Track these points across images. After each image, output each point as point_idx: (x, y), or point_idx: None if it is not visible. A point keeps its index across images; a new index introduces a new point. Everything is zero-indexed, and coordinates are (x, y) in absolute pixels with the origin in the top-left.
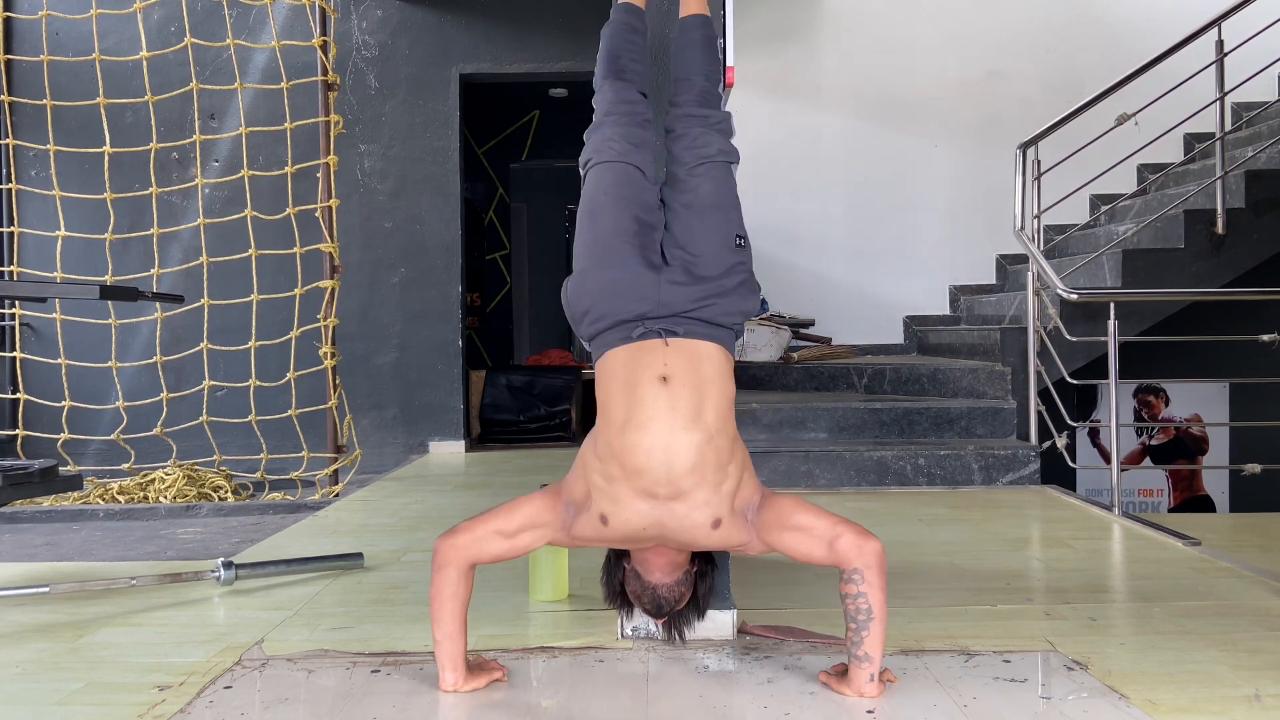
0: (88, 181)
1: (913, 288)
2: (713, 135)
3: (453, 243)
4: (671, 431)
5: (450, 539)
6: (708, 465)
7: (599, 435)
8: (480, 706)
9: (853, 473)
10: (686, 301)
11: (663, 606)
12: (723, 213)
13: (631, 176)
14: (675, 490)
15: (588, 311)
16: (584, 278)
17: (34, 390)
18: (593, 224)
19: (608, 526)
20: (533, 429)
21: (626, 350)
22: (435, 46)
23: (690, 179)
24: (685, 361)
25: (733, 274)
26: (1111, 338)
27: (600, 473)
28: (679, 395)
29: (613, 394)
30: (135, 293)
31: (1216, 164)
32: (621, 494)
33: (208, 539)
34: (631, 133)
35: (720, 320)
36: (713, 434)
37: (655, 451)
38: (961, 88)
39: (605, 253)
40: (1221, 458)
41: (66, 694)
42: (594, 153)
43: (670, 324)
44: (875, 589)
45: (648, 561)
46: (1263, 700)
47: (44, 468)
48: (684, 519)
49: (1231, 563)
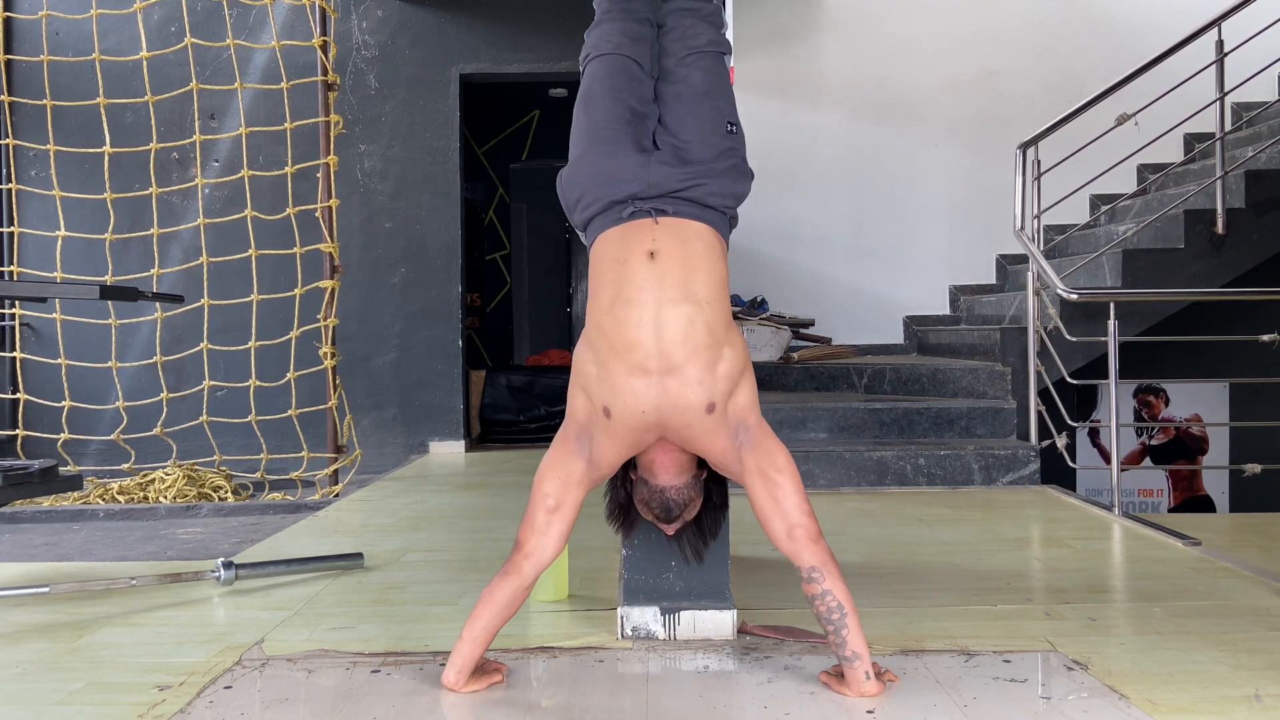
0: (88, 181)
1: (913, 288)
2: (702, 26)
3: (453, 243)
4: (660, 303)
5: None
6: (699, 339)
7: (589, 320)
8: (480, 706)
9: (853, 473)
10: (675, 181)
11: (672, 509)
12: (713, 100)
13: (628, 68)
14: (667, 363)
15: (580, 197)
16: (577, 165)
17: (34, 390)
18: (588, 112)
19: (611, 419)
20: (533, 429)
21: (617, 231)
22: (435, 46)
23: (680, 69)
24: (673, 238)
25: (723, 158)
26: (1111, 338)
27: (593, 361)
28: (667, 269)
29: (602, 274)
30: (135, 293)
31: (1216, 164)
32: (616, 375)
33: (208, 539)
34: (629, 27)
35: (710, 201)
36: (703, 305)
37: (645, 324)
38: (961, 88)
39: (598, 139)
40: (1221, 458)
41: (66, 694)
42: (592, 48)
43: (660, 203)
44: (837, 581)
45: (655, 463)
46: (1263, 700)
47: (44, 468)
48: (678, 398)
49: (1231, 563)
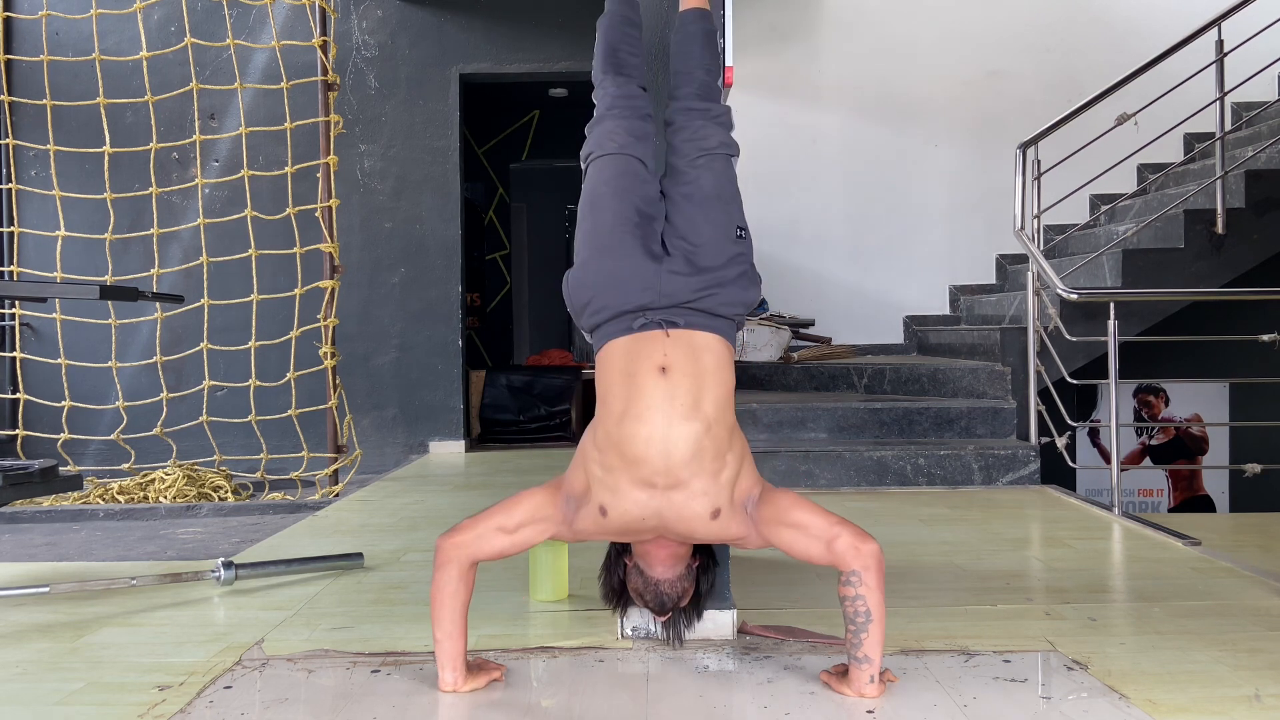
0: (88, 181)
1: (913, 288)
2: (713, 128)
3: (453, 243)
4: (669, 421)
5: (451, 537)
6: (705, 455)
7: (598, 426)
8: (480, 706)
9: (853, 473)
10: (687, 292)
11: (665, 603)
12: (723, 204)
13: (633, 168)
14: (673, 480)
15: (589, 303)
16: (585, 269)
17: (34, 390)
18: (594, 215)
19: (607, 518)
20: (533, 429)
21: (627, 341)
22: (435, 46)
23: (691, 170)
24: (685, 352)
25: (733, 264)
26: (1111, 338)
27: (599, 463)
28: (678, 385)
29: (612, 384)
30: (135, 293)
31: (1216, 164)
32: (620, 484)
33: (208, 539)
34: (633, 125)
35: (721, 311)
36: (711, 423)
37: (654, 441)
38: (961, 88)
39: (606, 243)
40: (1221, 458)
41: (66, 694)
42: (595, 146)
43: (671, 315)
44: (873, 590)
45: (650, 555)
46: (1263, 700)
47: (44, 468)
48: (682, 509)
49: (1231, 563)
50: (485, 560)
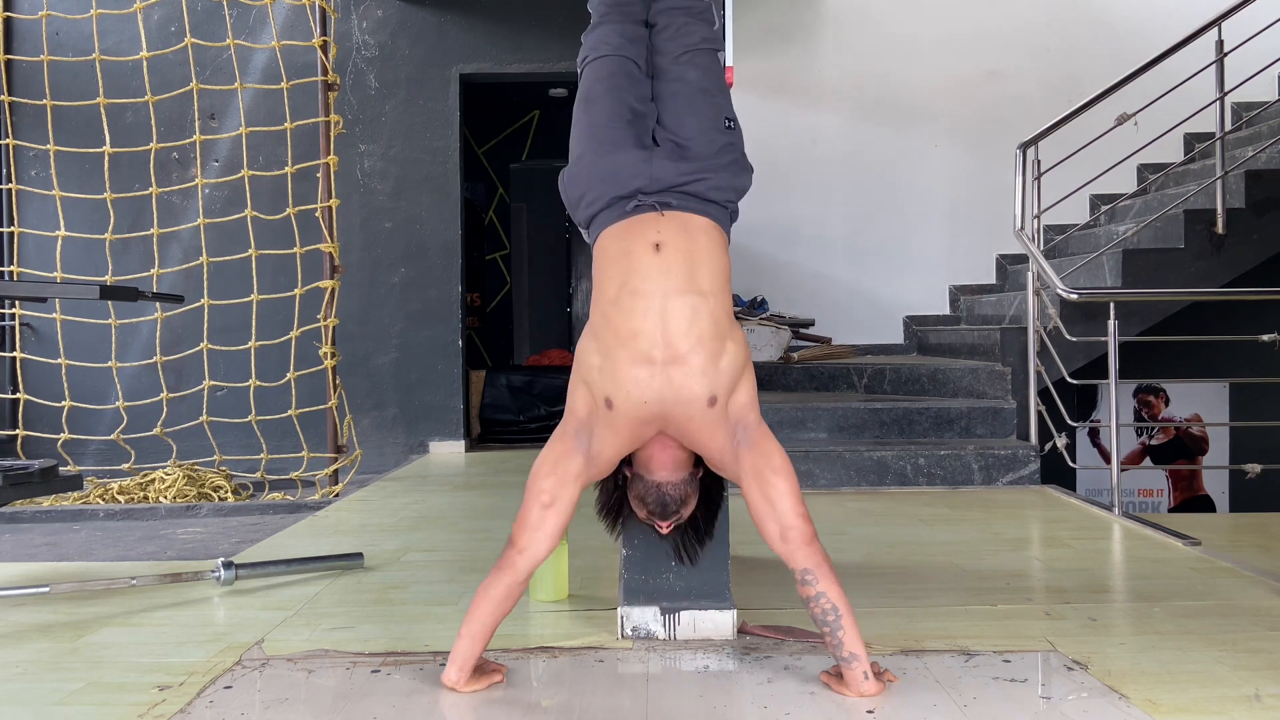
0: (88, 181)
1: (913, 288)
2: (695, 23)
3: (453, 243)
4: (665, 293)
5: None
6: (704, 329)
7: (594, 311)
8: (480, 706)
9: (853, 473)
10: (677, 175)
11: (668, 504)
12: (709, 96)
13: (627, 68)
14: (672, 352)
15: (584, 195)
16: (579, 163)
17: (34, 390)
18: (588, 112)
19: (614, 410)
20: (533, 429)
21: (621, 225)
22: (435, 46)
23: (675, 67)
24: (678, 230)
25: (723, 153)
26: (1111, 338)
27: (597, 352)
28: (672, 260)
29: (607, 266)
30: (135, 293)
31: (1216, 164)
32: (620, 365)
33: (208, 539)
34: (627, 29)
35: (712, 195)
36: (707, 295)
37: (651, 313)
38: (961, 88)
39: (601, 138)
40: (1221, 458)
41: (66, 694)
42: (590, 49)
43: (663, 198)
44: (831, 584)
45: (652, 459)
46: (1263, 700)
47: (44, 468)
48: (681, 388)
49: (1231, 563)
50: (550, 549)
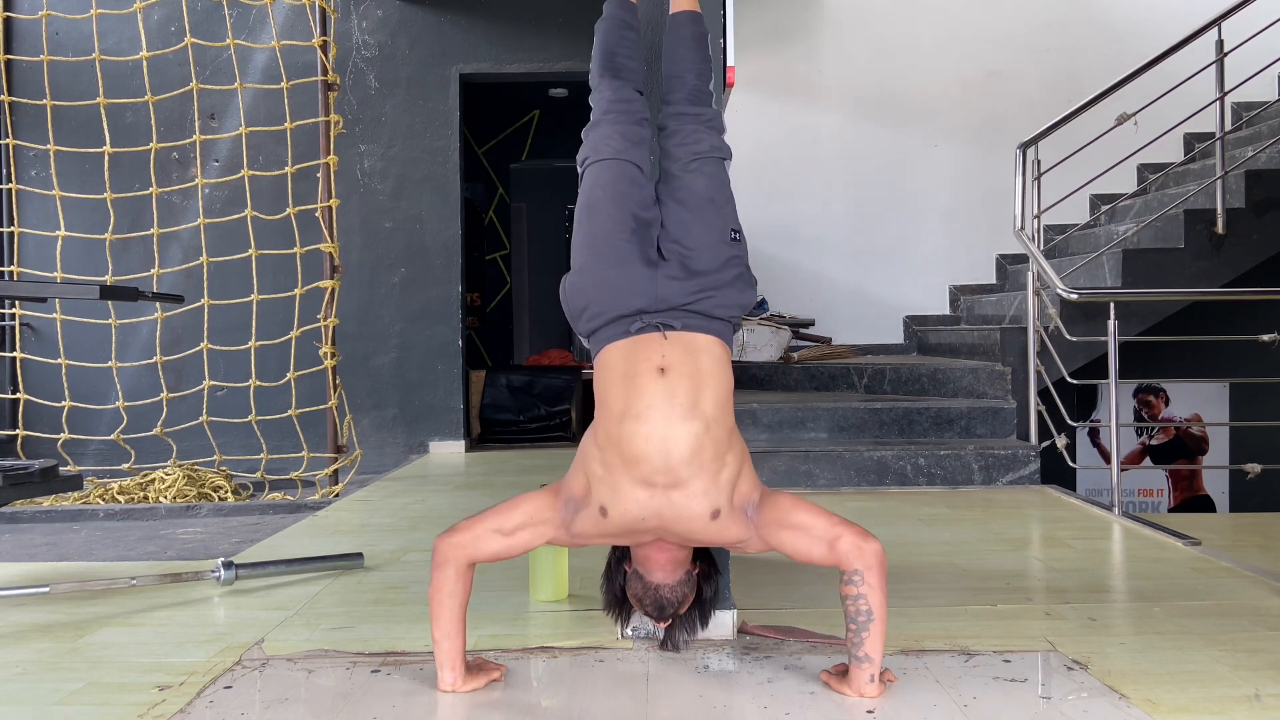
0: (88, 181)
1: (913, 288)
2: (704, 132)
3: (453, 243)
4: (669, 421)
5: (448, 537)
6: (705, 454)
7: (598, 426)
8: (480, 706)
9: (853, 473)
10: (683, 295)
11: (665, 608)
12: (717, 207)
13: (629, 173)
14: (673, 479)
15: (585, 308)
16: (582, 275)
17: (34, 390)
18: (590, 221)
19: (607, 519)
20: (533, 429)
21: (625, 344)
22: (435, 46)
23: (684, 175)
24: (683, 353)
25: (729, 267)
26: (1111, 338)
27: (599, 462)
28: (676, 385)
29: (611, 386)
30: (135, 293)
31: (1216, 164)
32: (620, 483)
33: (208, 539)
34: (629, 130)
35: (717, 313)
36: (710, 423)
37: (653, 440)
38: (961, 88)
39: (603, 249)
40: (1221, 458)
41: (66, 694)
42: (591, 151)
43: (668, 318)
44: (875, 590)
45: (649, 560)
46: (1263, 700)
47: (44, 468)
48: (682, 509)
49: (1231, 563)
50: (482, 561)
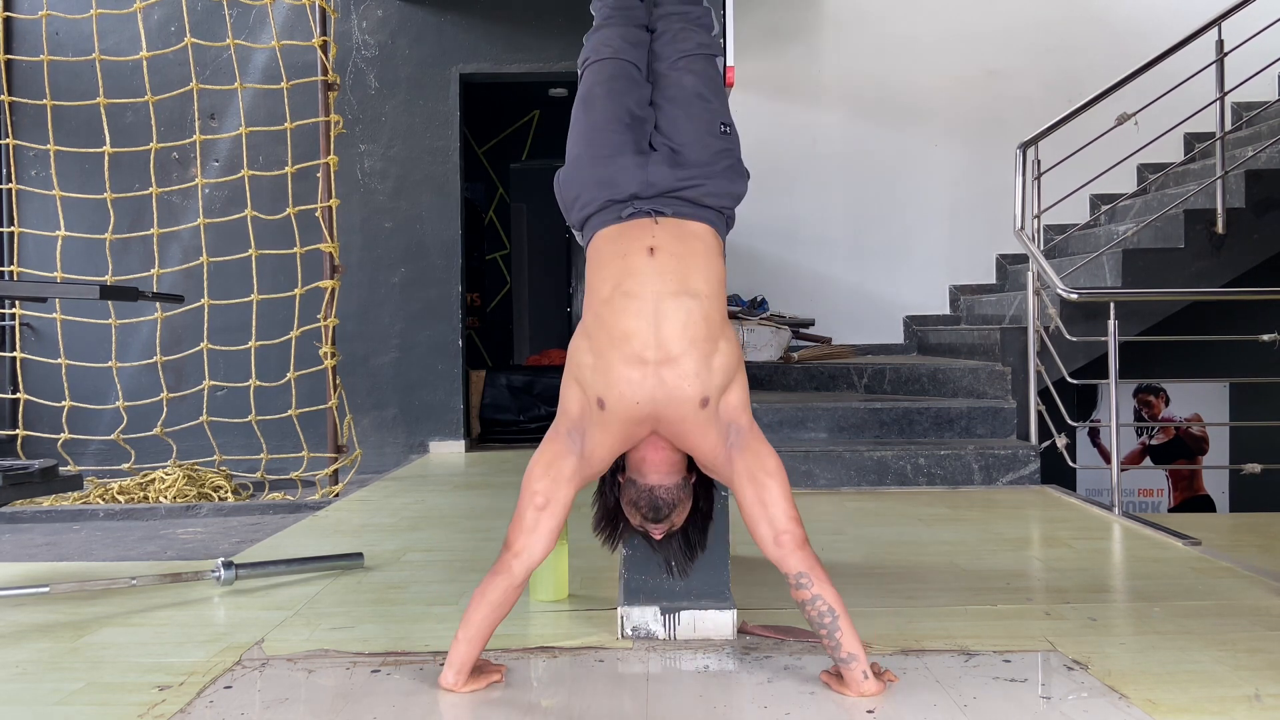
0: (88, 181)
1: (913, 288)
2: (693, 29)
3: (453, 243)
4: (659, 296)
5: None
6: (697, 331)
7: (587, 312)
8: (480, 706)
9: (853, 473)
10: (673, 181)
11: (661, 508)
12: (705, 102)
13: (627, 71)
14: (664, 354)
15: (579, 196)
16: (577, 165)
17: (34, 390)
18: (587, 113)
19: (605, 410)
20: (533, 429)
21: (616, 228)
22: (435, 46)
23: (672, 73)
24: (673, 236)
25: (719, 159)
26: (1111, 338)
27: (589, 351)
28: (666, 264)
29: (600, 268)
30: (135, 293)
31: (1216, 164)
32: (612, 365)
33: (208, 539)
34: (629, 32)
35: (708, 201)
36: (701, 299)
37: (644, 314)
38: (961, 88)
39: (598, 140)
40: (1221, 458)
41: (66, 694)
42: (591, 51)
43: (658, 204)
44: (825, 585)
45: (644, 461)
46: (1263, 700)
47: (44, 468)
48: (674, 390)
49: (1231, 563)
50: (546, 551)
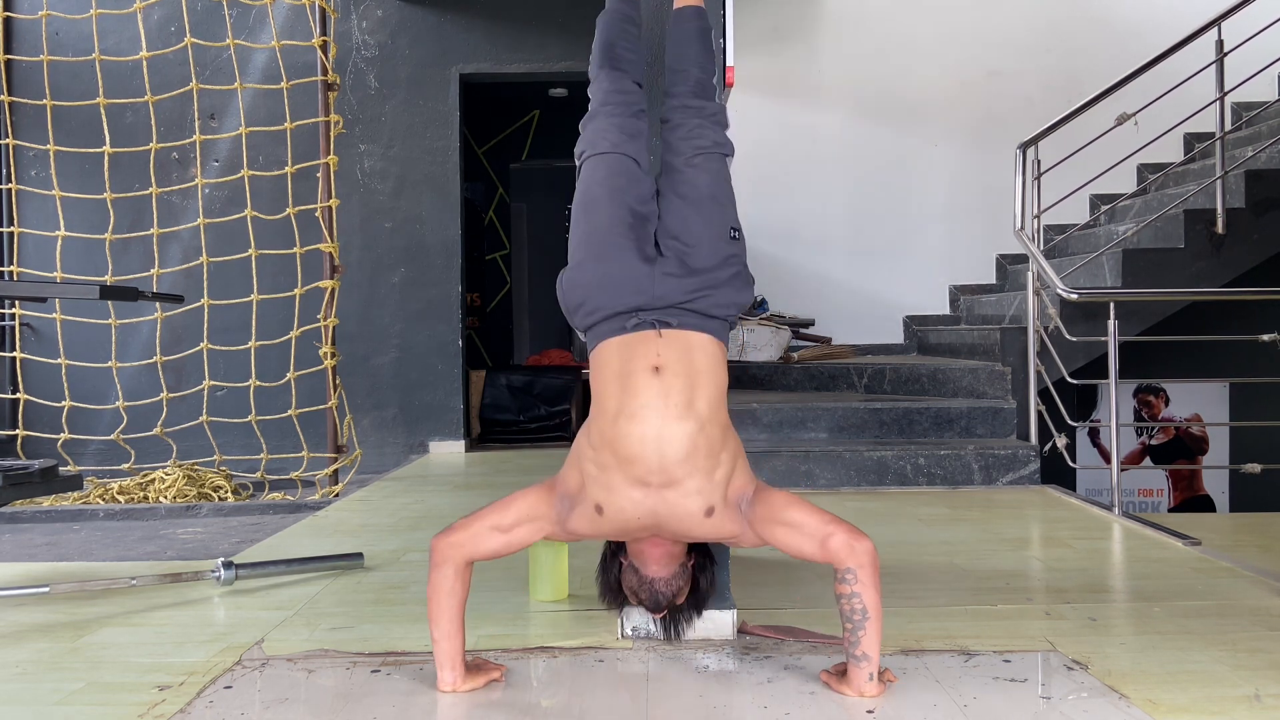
0: (88, 181)
1: (913, 288)
2: (708, 126)
3: (453, 243)
4: (664, 420)
5: (446, 537)
6: (700, 453)
7: (593, 425)
8: (480, 706)
9: (853, 473)
10: (681, 293)
11: (660, 601)
12: (718, 204)
13: (627, 168)
14: (668, 478)
15: (582, 304)
16: (579, 271)
17: (34, 390)
18: (588, 217)
19: (603, 517)
20: (533, 429)
21: (620, 341)
22: (435, 46)
23: (687, 169)
24: (678, 351)
25: (727, 265)
26: (1111, 337)
27: (594, 461)
28: (671, 385)
29: (606, 384)
30: (135, 293)
31: (1216, 164)
32: (615, 483)
33: (208, 539)
34: (626, 123)
35: (714, 312)
36: (704, 422)
37: (648, 440)
38: (961, 88)
39: (600, 245)
40: (1221, 458)
41: (66, 694)
42: (589, 144)
43: (664, 315)
44: (869, 588)
45: (644, 554)
46: (1263, 700)
47: (44, 468)
48: (676, 507)
49: (1231, 563)
50: (481, 559)
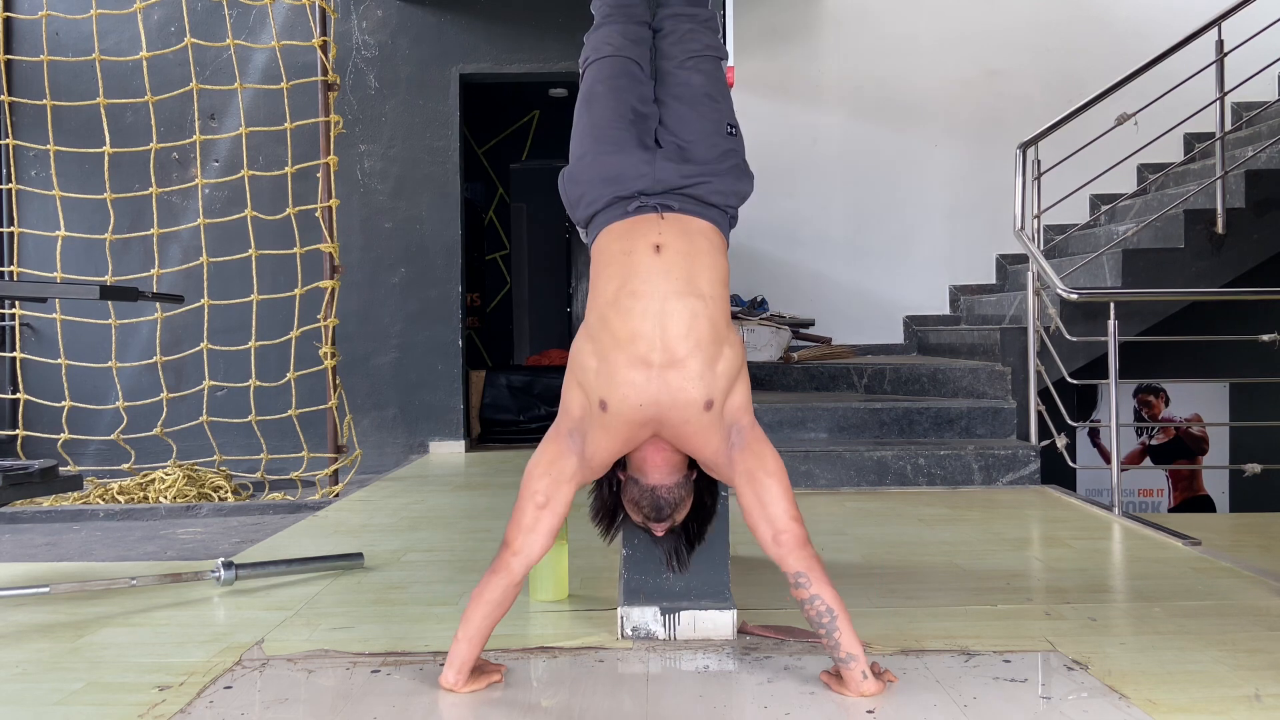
0: (88, 181)
1: (913, 288)
2: (700, 31)
3: (453, 243)
4: (665, 296)
5: (506, 549)
6: (702, 334)
7: (591, 313)
8: (480, 706)
9: (853, 473)
10: (679, 178)
11: (663, 508)
12: (714, 102)
13: (629, 69)
14: (670, 356)
15: (584, 194)
16: (581, 163)
17: (34, 390)
18: (590, 112)
19: (608, 413)
20: (533, 429)
21: (622, 225)
22: (435, 46)
23: (680, 72)
24: (679, 232)
25: (725, 158)
26: (1111, 338)
27: (592, 354)
28: (672, 262)
29: (606, 266)
30: (135, 293)
31: (1216, 164)
32: (616, 367)
33: (208, 539)
34: (629, 30)
35: (714, 199)
36: (707, 301)
37: (649, 315)
38: (961, 88)
39: (602, 137)
40: (1221, 458)
41: (66, 694)
42: (592, 50)
43: (665, 199)
44: (824, 585)
45: (646, 461)
46: (1263, 700)
47: (44, 468)
48: (678, 393)
49: (1231, 563)
50: (544, 550)
